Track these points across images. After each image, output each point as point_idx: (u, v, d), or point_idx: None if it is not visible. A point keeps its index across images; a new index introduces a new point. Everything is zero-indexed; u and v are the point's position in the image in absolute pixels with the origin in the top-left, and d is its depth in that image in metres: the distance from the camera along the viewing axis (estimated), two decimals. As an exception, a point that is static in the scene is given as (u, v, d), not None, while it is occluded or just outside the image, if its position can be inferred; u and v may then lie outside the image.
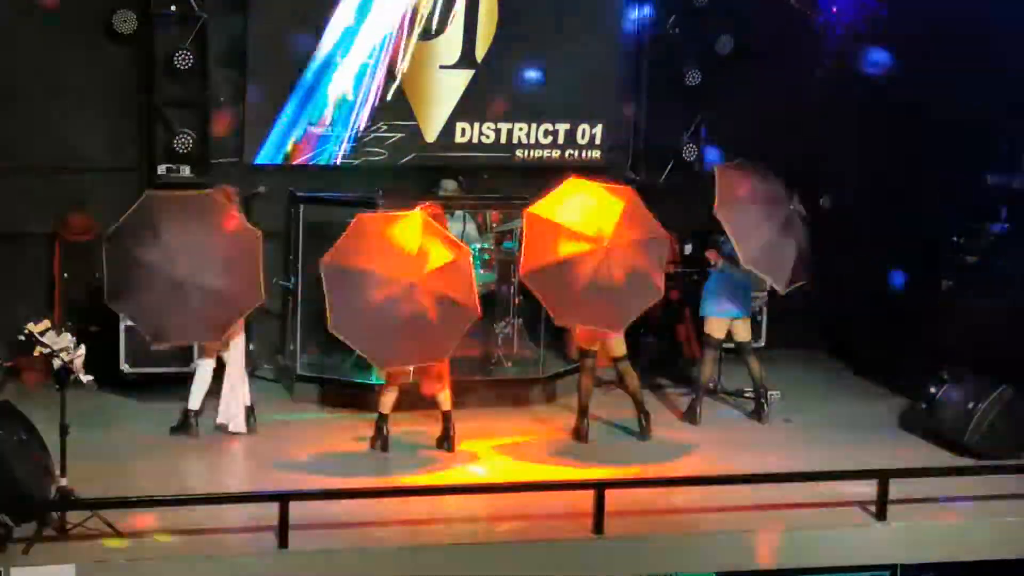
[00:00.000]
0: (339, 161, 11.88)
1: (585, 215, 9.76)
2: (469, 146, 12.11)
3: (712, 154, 12.38)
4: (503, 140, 12.19)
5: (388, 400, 9.88)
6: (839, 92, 12.56)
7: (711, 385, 11.23)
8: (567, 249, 9.67)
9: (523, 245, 9.85)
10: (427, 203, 10.12)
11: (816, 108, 12.59)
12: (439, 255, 9.48)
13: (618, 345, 10.25)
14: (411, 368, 9.79)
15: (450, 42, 11.88)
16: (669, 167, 12.54)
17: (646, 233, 9.94)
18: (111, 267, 9.49)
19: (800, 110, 12.52)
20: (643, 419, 10.42)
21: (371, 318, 9.36)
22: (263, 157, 11.69)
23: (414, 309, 9.33)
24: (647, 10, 12.50)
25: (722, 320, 10.83)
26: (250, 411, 10.18)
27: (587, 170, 12.25)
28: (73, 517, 8.10)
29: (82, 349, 8.24)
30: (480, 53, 11.97)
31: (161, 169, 11.33)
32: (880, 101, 12.49)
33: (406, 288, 9.31)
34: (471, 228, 11.66)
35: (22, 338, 8.20)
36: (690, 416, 10.86)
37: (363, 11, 11.63)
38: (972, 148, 11.74)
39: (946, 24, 11.85)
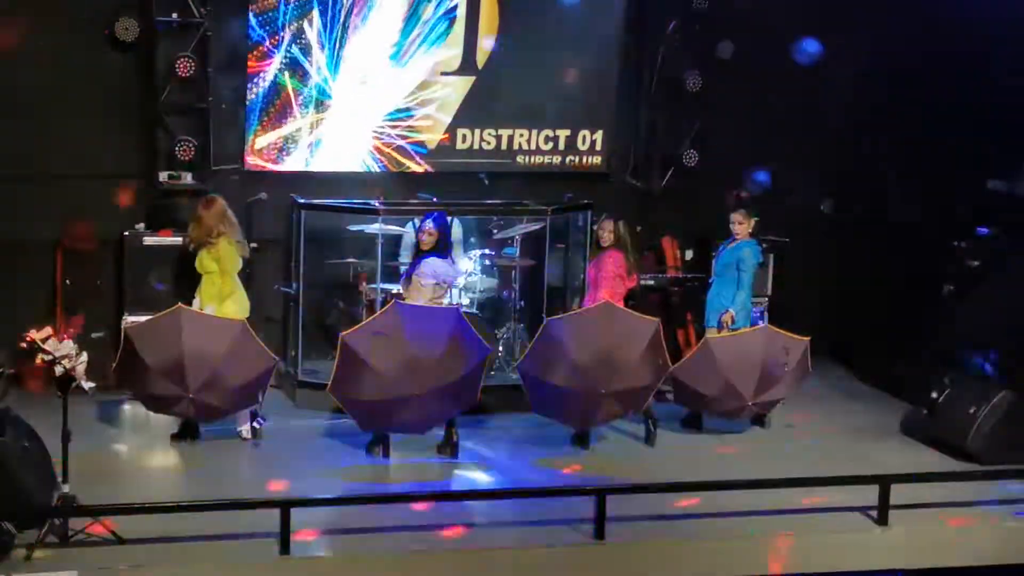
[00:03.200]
0: (340, 167, 11.88)
1: (595, 353, 9.79)
2: (470, 152, 12.13)
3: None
4: (504, 146, 12.20)
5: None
6: (840, 96, 12.57)
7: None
8: (565, 381, 9.84)
9: (532, 345, 9.97)
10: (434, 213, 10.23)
11: (817, 113, 12.60)
12: (455, 367, 9.56)
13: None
14: None
15: (451, 49, 11.90)
16: (670, 173, 12.53)
17: (651, 377, 10.05)
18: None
19: (801, 115, 12.54)
20: (650, 425, 10.44)
21: (371, 403, 9.54)
22: (264, 163, 11.69)
23: (416, 409, 9.54)
24: (648, 14, 12.51)
25: (713, 329, 10.86)
26: (254, 417, 10.21)
27: (588, 176, 12.37)
28: (75, 524, 8.11)
29: (84, 356, 8.24)
30: (480, 60, 11.99)
31: (162, 176, 11.36)
32: (882, 105, 12.51)
33: (409, 397, 9.46)
34: (458, 232, 11.66)
35: (24, 345, 8.20)
36: (692, 422, 10.87)
37: (365, 18, 11.64)
38: (973, 153, 11.75)
39: (948, 27, 11.91)
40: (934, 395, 10.59)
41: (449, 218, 10.54)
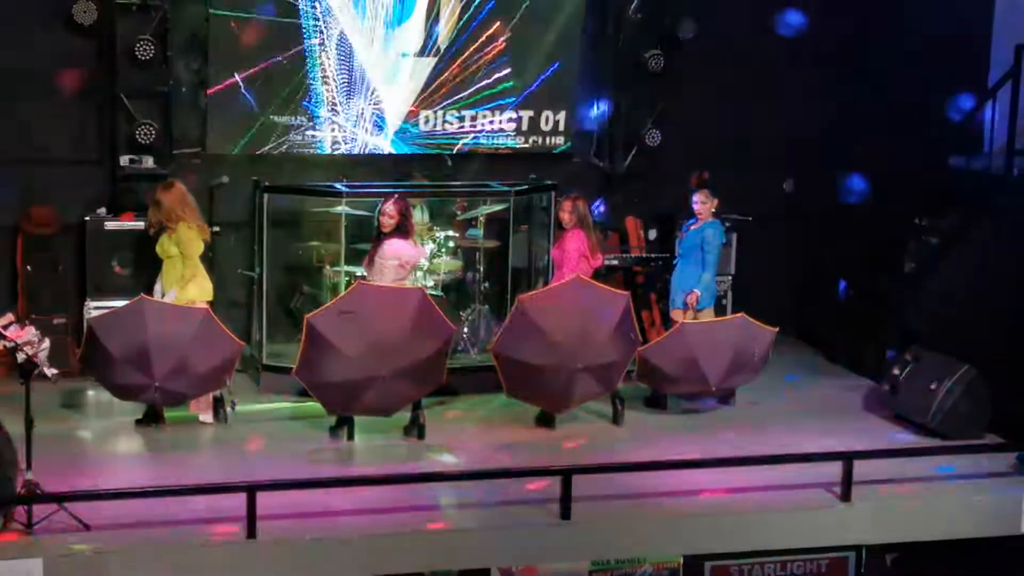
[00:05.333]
0: (303, 150, 11.84)
1: (569, 329, 9.79)
2: (433, 134, 12.11)
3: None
4: (467, 127, 12.18)
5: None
6: (802, 74, 12.61)
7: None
8: (540, 359, 9.81)
9: (505, 325, 9.98)
10: (395, 196, 10.19)
11: (779, 91, 12.64)
12: (420, 348, 9.53)
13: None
14: None
15: (413, 30, 11.85)
16: (633, 152, 12.55)
17: (624, 351, 10.07)
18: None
19: (762, 93, 12.58)
20: (617, 404, 10.47)
21: (337, 386, 9.51)
22: (226, 147, 11.63)
23: (382, 391, 9.51)
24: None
25: (678, 310, 10.89)
26: (219, 402, 10.18)
27: (551, 157, 12.38)
28: (40, 511, 8.08)
29: (46, 342, 8.20)
30: (443, 41, 11.95)
31: (123, 160, 11.30)
32: (842, 83, 12.55)
33: (375, 378, 9.43)
34: (427, 216, 11.65)
35: (-15, 332, 8.15)
36: (658, 401, 10.92)
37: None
38: (935, 130, 11.82)
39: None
40: (896, 371, 10.68)
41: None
